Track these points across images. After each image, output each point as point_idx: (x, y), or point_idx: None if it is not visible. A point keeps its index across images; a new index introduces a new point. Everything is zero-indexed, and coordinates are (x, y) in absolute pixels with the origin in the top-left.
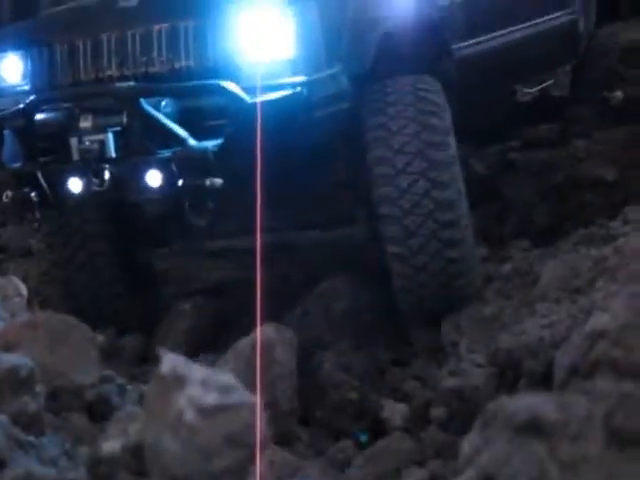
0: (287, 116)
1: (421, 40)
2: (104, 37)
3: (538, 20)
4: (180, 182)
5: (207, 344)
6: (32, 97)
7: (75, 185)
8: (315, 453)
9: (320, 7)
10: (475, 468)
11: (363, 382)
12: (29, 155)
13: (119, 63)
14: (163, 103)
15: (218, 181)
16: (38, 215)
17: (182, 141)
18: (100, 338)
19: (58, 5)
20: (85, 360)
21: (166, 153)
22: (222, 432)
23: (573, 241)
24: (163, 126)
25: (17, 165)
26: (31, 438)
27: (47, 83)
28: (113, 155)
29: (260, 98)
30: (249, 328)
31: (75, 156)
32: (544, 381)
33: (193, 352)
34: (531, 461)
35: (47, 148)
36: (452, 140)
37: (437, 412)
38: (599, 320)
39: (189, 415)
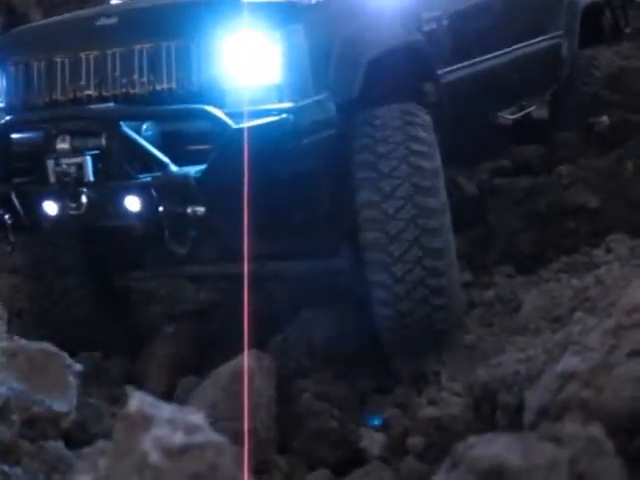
0: (273, 143)
1: (408, 66)
2: (82, 55)
3: (522, 44)
4: (160, 209)
5: (190, 368)
6: (8, 118)
7: (51, 208)
8: None
9: (307, 32)
10: None
11: (343, 410)
12: (3, 175)
13: (98, 83)
14: (144, 126)
15: (200, 209)
16: (12, 238)
17: (163, 166)
18: (78, 366)
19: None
20: (62, 388)
21: (146, 178)
22: (187, 473)
23: (556, 269)
24: (143, 150)
25: None
26: (5, 467)
27: (23, 101)
28: (91, 179)
29: (245, 124)
30: (231, 352)
31: (52, 179)
32: (518, 415)
33: (176, 375)
34: None
35: (22, 168)
36: (442, 183)
37: (414, 441)
38: (570, 361)
39: (154, 456)
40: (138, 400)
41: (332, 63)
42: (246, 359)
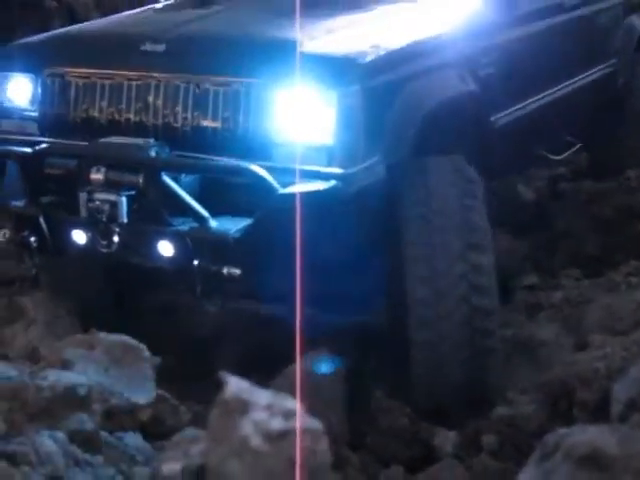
0: (318, 211)
1: (463, 115)
2: (124, 80)
3: (576, 78)
4: (195, 262)
5: (254, 368)
6: (44, 145)
7: (79, 237)
8: (366, 478)
9: (364, 94)
10: None
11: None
12: (32, 195)
13: (138, 110)
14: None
15: (236, 271)
16: (36, 260)
17: (202, 220)
18: (157, 359)
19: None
20: (140, 380)
21: (183, 227)
22: (286, 457)
23: (625, 272)
24: (182, 202)
25: (19, 204)
26: (87, 456)
27: (57, 114)
28: (125, 220)
29: (292, 189)
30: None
31: (83, 212)
32: (597, 412)
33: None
34: None
35: (52, 189)
36: (491, 259)
37: (488, 439)
38: None
39: (255, 440)
40: (234, 386)
41: (386, 124)
42: (310, 357)
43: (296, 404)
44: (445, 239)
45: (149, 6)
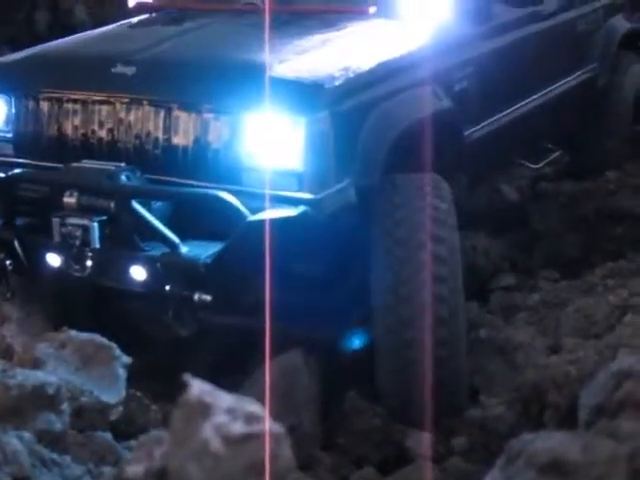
0: (289, 236)
1: (437, 132)
2: (96, 104)
3: (554, 85)
4: (167, 287)
5: (231, 366)
6: (16, 171)
7: (54, 260)
8: (338, 479)
9: (335, 119)
10: None
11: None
12: (7, 218)
13: (110, 131)
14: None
15: (207, 298)
16: (12, 283)
17: (172, 246)
18: (127, 358)
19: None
20: (111, 379)
21: (154, 253)
22: (247, 461)
23: (601, 274)
24: (153, 228)
25: None
26: (55, 456)
27: (31, 134)
28: (97, 245)
29: (262, 215)
30: (273, 352)
31: (56, 237)
32: (568, 416)
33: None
34: None
35: (26, 211)
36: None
37: (460, 441)
38: (625, 360)
39: (215, 444)
40: (197, 388)
41: (357, 147)
42: (286, 357)
43: (259, 408)
44: (407, 251)
45: (123, 22)
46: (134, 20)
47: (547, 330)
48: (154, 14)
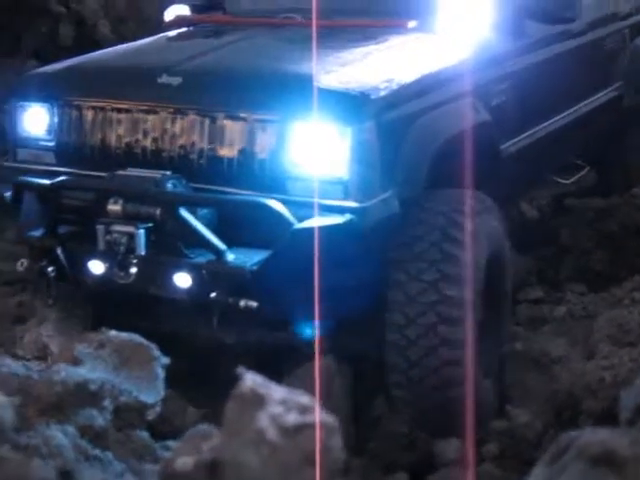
0: (335, 245)
1: (475, 146)
2: (140, 114)
3: (583, 102)
4: (212, 295)
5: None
6: (62, 178)
7: (96, 268)
8: None
9: (380, 129)
10: None
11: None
12: (50, 226)
13: (155, 141)
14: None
15: (253, 304)
16: (53, 291)
17: (219, 253)
18: (166, 359)
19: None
20: (149, 379)
21: (200, 259)
22: (302, 451)
23: (629, 288)
24: (200, 236)
25: (36, 235)
26: (97, 452)
27: (74, 143)
28: (142, 253)
29: (309, 223)
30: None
31: (101, 245)
32: (602, 420)
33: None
34: None
35: (69, 220)
36: (470, 273)
37: (490, 448)
38: None
39: (271, 433)
40: (250, 380)
41: (401, 158)
42: (320, 361)
43: (311, 400)
44: (420, 267)
45: (161, 34)
46: (172, 33)
47: (578, 341)
48: (192, 28)
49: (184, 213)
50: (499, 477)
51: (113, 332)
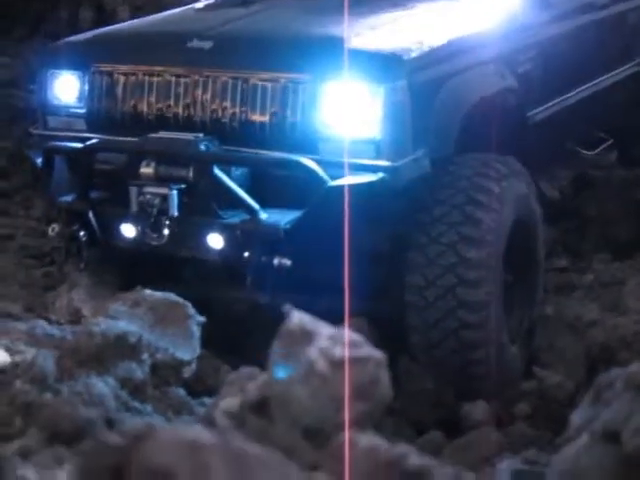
0: (368, 203)
1: (502, 111)
2: (172, 77)
3: (608, 74)
4: (246, 254)
5: None
6: (94, 141)
7: (129, 231)
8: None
9: (411, 89)
10: (591, 432)
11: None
12: (81, 190)
13: (186, 105)
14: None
15: (287, 262)
16: (85, 254)
17: (253, 212)
18: (201, 317)
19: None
20: (185, 337)
21: (233, 219)
22: (351, 382)
23: None
24: (234, 194)
25: (68, 200)
26: (136, 404)
27: (105, 110)
28: (175, 214)
29: (342, 181)
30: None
31: (134, 207)
32: None
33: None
34: None
35: (101, 184)
36: (492, 237)
37: (522, 407)
38: None
39: (321, 365)
40: (297, 318)
41: (431, 118)
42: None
43: (358, 336)
44: (440, 229)
45: (189, 6)
46: (200, 4)
47: (609, 305)
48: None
49: (218, 172)
50: (532, 436)
51: (148, 291)
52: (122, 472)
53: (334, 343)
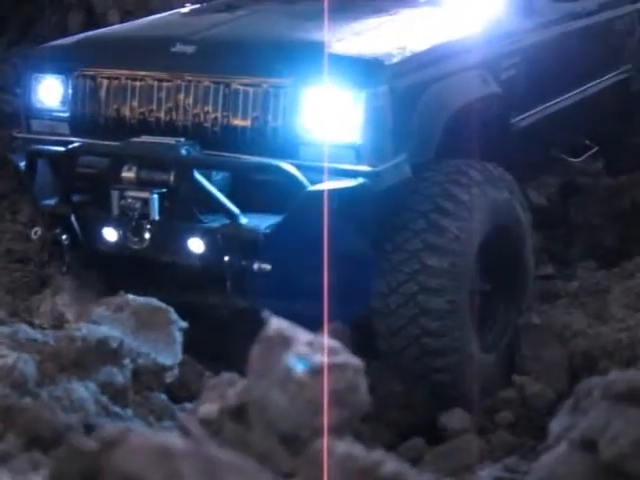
0: (348, 208)
1: (485, 117)
2: (155, 81)
3: (592, 82)
4: (225, 258)
5: None
6: (76, 144)
7: (110, 235)
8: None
9: (394, 94)
10: (569, 440)
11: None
12: (64, 194)
13: (168, 109)
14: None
15: (267, 267)
16: (67, 258)
17: (233, 216)
18: (184, 323)
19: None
20: (168, 342)
21: (213, 223)
22: (329, 389)
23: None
24: (214, 199)
25: (50, 203)
26: (117, 409)
27: (88, 114)
28: (156, 217)
29: (321, 186)
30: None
31: (115, 210)
32: None
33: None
34: (634, 424)
35: (83, 188)
36: (457, 246)
37: (504, 415)
38: None
39: (298, 372)
40: (276, 324)
41: (413, 124)
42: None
43: (336, 342)
44: (405, 236)
45: (175, 10)
46: (185, 9)
47: (594, 312)
48: (205, 4)
49: (199, 177)
50: (513, 444)
51: (131, 296)
52: (94, 478)
53: (312, 350)
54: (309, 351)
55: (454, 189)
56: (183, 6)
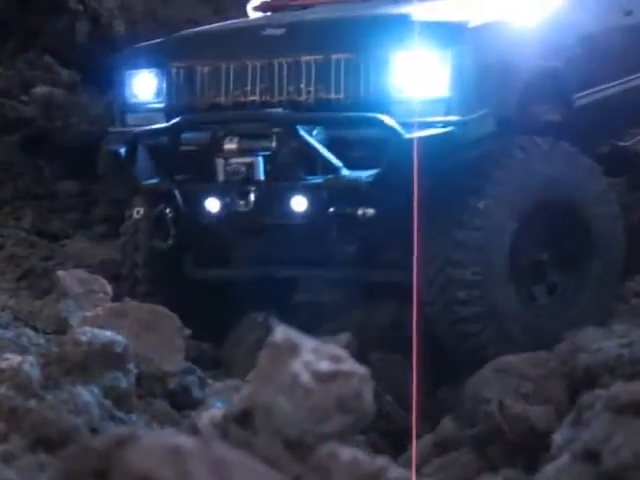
0: (441, 153)
1: (549, 92)
2: (249, 63)
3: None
4: (331, 210)
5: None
6: (179, 118)
7: (213, 205)
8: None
9: (474, 52)
10: (571, 452)
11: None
12: (166, 173)
13: (263, 90)
14: (314, 132)
15: (370, 211)
16: (172, 231)
17: (336, 169)
18: (188, 330)
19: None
20: (171, 349)
21: (317, 180)
22: (335, 396)
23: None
24: (317, 154)
25: (153, 181)
26: (121, 414)
27: (184, 103)
28: (262, 178)
29: (417, 134)
30: None
31: (220, 177)
32: None
33: None
34: (636, 435)
35: (184, 166)
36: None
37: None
38: None
39: (305, 378)
40: (283, 330)
41: (492, 81)
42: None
43: (341, 350)
44: (433, 212)
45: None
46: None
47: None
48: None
49: (302, 132)
50: (512, 456)
51: (135, 302)
52: (105, 476)
53: (318, 357)
54: (315, 358)
55: (488, 168)
56: (195, 17)
